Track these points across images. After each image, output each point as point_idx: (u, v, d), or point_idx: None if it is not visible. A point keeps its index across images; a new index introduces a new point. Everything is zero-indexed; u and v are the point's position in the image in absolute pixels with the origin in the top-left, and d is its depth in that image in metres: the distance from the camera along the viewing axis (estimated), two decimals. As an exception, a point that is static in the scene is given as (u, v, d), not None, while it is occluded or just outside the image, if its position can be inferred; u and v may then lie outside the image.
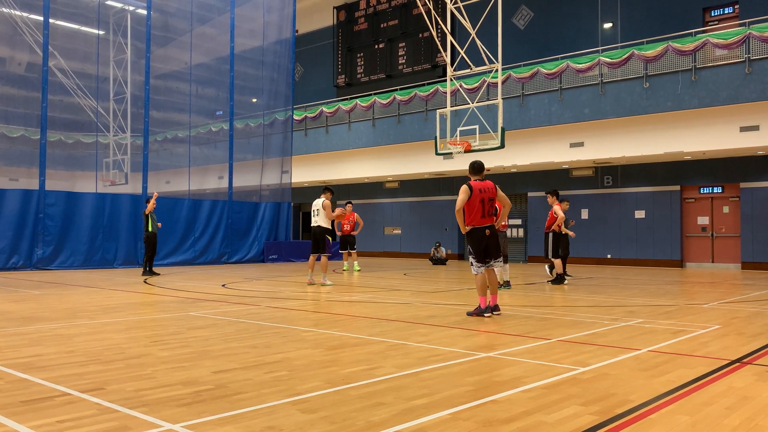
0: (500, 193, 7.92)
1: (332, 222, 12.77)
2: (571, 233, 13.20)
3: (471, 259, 7.89)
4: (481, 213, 7.68)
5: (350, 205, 18.04)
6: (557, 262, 12.90)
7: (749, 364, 5.03)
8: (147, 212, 15.25)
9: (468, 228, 7.74)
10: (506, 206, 8.20)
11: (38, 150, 17.84)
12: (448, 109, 17.11)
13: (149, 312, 8.40)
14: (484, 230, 7.71)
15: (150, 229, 15.30)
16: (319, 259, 12.76)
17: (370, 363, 4.99)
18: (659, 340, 6.15)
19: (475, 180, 7.82)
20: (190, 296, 10.41)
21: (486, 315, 7.68)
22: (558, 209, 12.84)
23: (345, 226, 17.64)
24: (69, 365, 4.86)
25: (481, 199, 7.66)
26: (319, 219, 12.42)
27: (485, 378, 4.50)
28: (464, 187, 7.66)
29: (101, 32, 22.18)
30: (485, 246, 7.74)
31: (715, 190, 20.23)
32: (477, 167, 7.91)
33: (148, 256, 15.54)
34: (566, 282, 13.23)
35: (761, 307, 9.04)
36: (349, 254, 17.59)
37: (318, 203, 12.51)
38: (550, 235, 12.92)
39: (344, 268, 17.60)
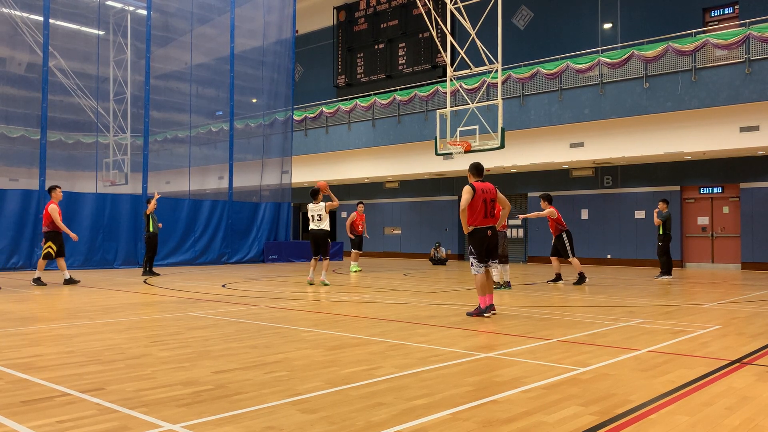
0: (500, 195, 7.97)
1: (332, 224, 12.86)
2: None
3: (471, 260, 7.90)
4: (483, 213, 7.73)
5: (362, 205, 18.02)
6: (575, 261, 12.97)
7: (749, 365, 5.03)
8: (148, 213, 15.26)
9: (470, 228, 7.77)
10: (506, 208, 8.24)
11: (38, 150, 17.82)
12: (448, 109, 17.10)
13: (149, 312, 8.40)
14: (486, 231, 7.75)
15: (151, 229, 15.31)
16: (320, 260, 12.87)
17: (370, 363, 4.99)
18: (659, 340, 6.15)
19: (476, 181, 7.85)
20: (190, 296, 10.41)
21: (486, 315, 7.70)
22: (551, 210, 12.99)
23: (359, 226, 17.64)
24: (69, 365, 4.86)
25: (483, 200, 7.71)
26: (323, 223, 12.48)
27: (485, 378, 4.50)
28: (467, 188, 7.68)
29: (101, 32, 22.17)
30: (486, 246, 7.78)
31: (715, 190, 20.22)
32: (478, 169, 7.95)
33: (149, 256, 15.54)
34: (562, 281, 13.30)
35: (761, 308, 9.04)
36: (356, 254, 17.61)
37: (320, 207, 12.52)
38: (564, 235, 12.98)
39: (358, 269, 17.35)
